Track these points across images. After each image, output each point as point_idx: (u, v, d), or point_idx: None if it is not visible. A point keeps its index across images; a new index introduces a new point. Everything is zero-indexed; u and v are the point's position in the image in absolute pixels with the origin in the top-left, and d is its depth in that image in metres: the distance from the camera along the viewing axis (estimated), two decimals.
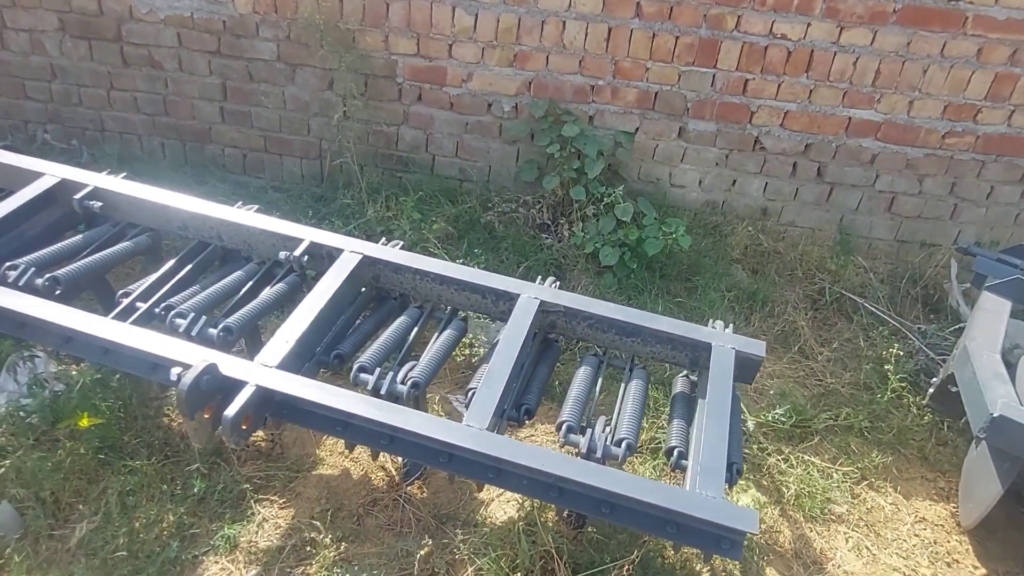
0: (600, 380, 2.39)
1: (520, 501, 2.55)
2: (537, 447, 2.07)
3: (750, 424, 2.96)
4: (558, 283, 2.59)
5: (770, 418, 3.04)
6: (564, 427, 2.14)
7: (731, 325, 2.53)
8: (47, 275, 2.40)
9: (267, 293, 2.50)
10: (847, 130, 3.89)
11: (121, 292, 2.47)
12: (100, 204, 2.73)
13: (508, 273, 3.49)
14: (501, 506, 2.56)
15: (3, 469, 2.42)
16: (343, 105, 3.86)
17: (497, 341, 2.48)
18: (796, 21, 3.59)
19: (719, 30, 3.65)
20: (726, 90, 3.81)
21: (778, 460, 2.91)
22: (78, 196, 2.72)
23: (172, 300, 2.44)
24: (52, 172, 2.80)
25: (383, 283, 2.61)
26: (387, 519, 2.48)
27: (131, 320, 2.35)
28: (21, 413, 2.53)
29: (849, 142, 3.92)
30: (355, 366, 2.20)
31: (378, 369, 2.19)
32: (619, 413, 2.26)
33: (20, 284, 2.38)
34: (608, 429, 2.18)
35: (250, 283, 2.56)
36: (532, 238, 3.79)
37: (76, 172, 2.81)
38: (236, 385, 2.03)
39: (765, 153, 3.98)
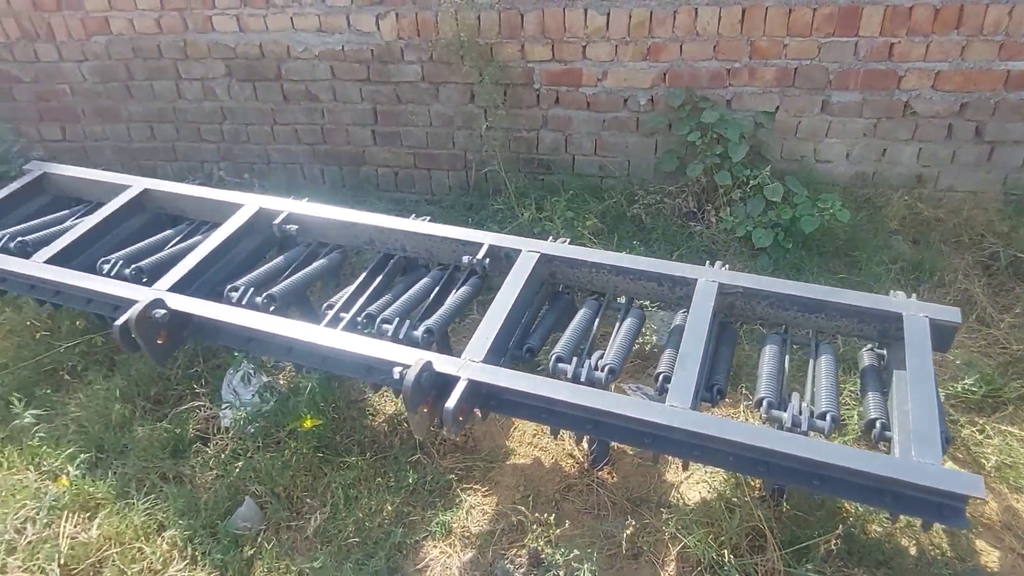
0: (787, 357, 2.41)
1: (710, 481, 2.60)
2: (742, 423, 2.11)
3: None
4: (727, 266, 2.63)
5: (959, 389, 2.93)
6: (765, 403, 2.18)
7: (914, 295, 2.48)
8: (264, 293, 2.70)
9: (455, 296, 2.69)
10: (1006, 84, 3.68)
11: (325, 304, 2.73)
12: (295, 227, 3.02)
13: None
14: (691, 487, 2.63)
15: (238, 470, 2.74)
16: (485, 116, 4.05)
17: (675, 326, 2.56)
18: None
19: None
20: (870, 57, 3.69)
21: (973, 431, 2.81)
22: (276, 221, 3.02)
23: (371, 309, 2.66)
24: (251, 203, 3.13)
25: (559, 278, 2.74)
26: (583, 503, 2.60)
27: (339, 329, 2.60)
28: (248, 419, 2.84)
29: (1010, 96, 3.70)
30: (553, 357, 2.33)
31: (575, 358, 2.31)
32: (814, 388, 2.27)
33: (243, 303, 2.69)
34: (805, 404, 2.20)
35: (437, 288, 2.76)
36: (680, 227, 3.83)
37: (270, 200, 3.13)
38: (449, 380, 2.21)
39: (916, 118, 3.82)
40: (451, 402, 2.11)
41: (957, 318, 2.34)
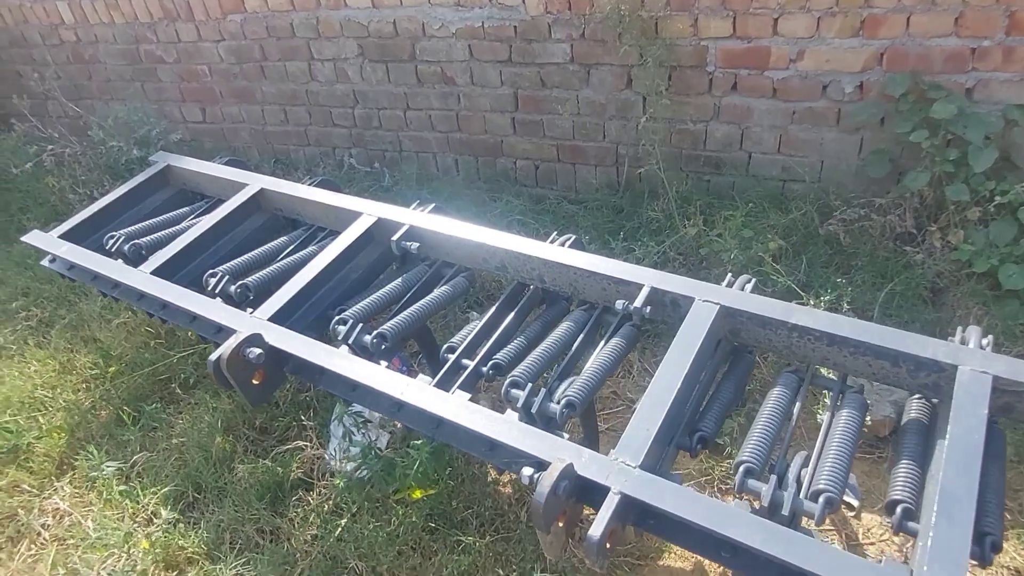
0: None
1: None
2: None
3: None
4: (989, 341, 1.85)
5: None
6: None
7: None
8: (374, 332, 2.26)
9: (604, 350, 2.11)
10: None
11: (446, 347, 2.26)
12: (416, 245, 2.57)
13: (865, 303, 2.78)
14: None
15: (339, 529, 2.36)
16: (644, 105, 3.38)
17: (911, 421, 1.83)
18: None
19: None
20: None
21: None
22: (395, 237, 2.58)
23: (499, 357, 2.16)
24: (369, 211, 2.71)
25: (743, 339, 2.08)
26: None
27: (459, 382, 2.12)
28: (359, 476, 2.45)
29: None
30: (741, 466, 1.69)
31: (773, 477, 1.65)
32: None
33: (350, 340, 2.27)
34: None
35: (581, 336, 2.20)
36: (893, 252, 2.99)
37: (391, 210, 2.70)
38: (594, 488, 1.66)
39: None
40: (597, 529, 1.55)
41: None
